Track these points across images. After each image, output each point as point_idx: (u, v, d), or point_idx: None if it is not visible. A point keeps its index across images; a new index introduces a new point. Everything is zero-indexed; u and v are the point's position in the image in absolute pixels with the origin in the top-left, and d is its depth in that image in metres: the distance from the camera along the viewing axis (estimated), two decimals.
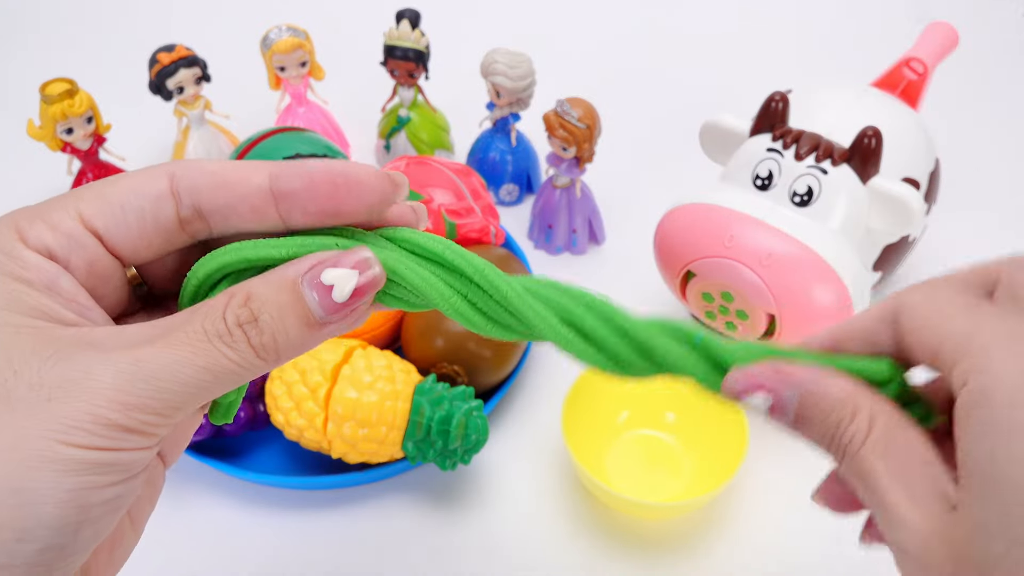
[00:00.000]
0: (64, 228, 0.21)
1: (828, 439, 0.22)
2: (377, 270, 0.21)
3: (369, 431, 0.47)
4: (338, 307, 0.21)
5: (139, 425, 0.19)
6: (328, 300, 0.21)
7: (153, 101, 0.69)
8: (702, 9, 0.94)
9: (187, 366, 0.20)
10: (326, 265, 0.21)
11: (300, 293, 0.21)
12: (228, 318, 0.20)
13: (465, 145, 0.73)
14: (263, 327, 0.21)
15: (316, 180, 0.22)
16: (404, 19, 0.66)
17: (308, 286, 0.21)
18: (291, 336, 0.21)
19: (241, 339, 0.20)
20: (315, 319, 0.21)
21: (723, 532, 0.49)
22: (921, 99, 0.60)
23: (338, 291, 0.21)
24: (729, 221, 0.49)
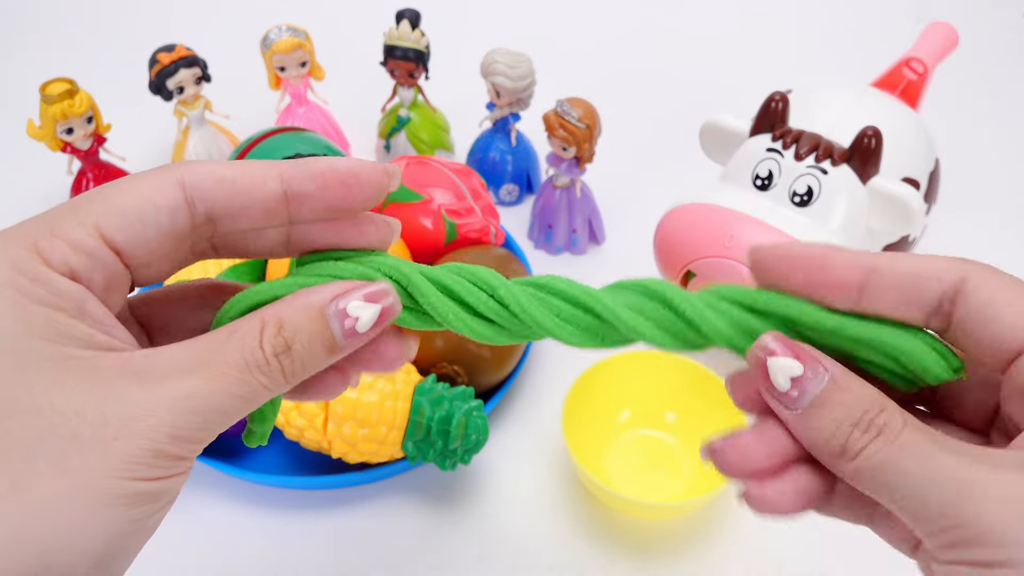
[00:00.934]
0: (85, 247, 0.21)
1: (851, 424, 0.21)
2: (392, 301, 0.23)
3: (369, 431, 0.47)
4: (359, 336, 0.23)
5: (187, 452, 0.20)
6: (351, 329, 0.22)
7: (153, 101, 0.69)
8: (702, 9, 0.94)
9: (230, 397, 0.21)
10: (350, 296, 0.22)
11: (327, 322, 0.22)
12: (266, 348, 0.21)
13: (465, 145, 0.73)
14: (295, 355, 0.22)
15: (328, 182, 0.23)
16: (404, 19, 0.66)
17: (334, 315, 0.22)
18: (317, 362, 0.22)
19: (276, 368, 0.21)
20: (337, 346, 0.22)
21: (723, 532, 0.49)
22: (921, 99, 0.60)
23: (361, 322, 0.22)
24: (729, 221, 0.49)
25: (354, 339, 0.23)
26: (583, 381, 0.51)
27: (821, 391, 0.22)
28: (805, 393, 0.22)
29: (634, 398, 0.53)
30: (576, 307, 0.24)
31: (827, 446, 0.22)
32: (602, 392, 0.52)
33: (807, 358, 0.22)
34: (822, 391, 0.22)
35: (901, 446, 0.21)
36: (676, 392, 0.53)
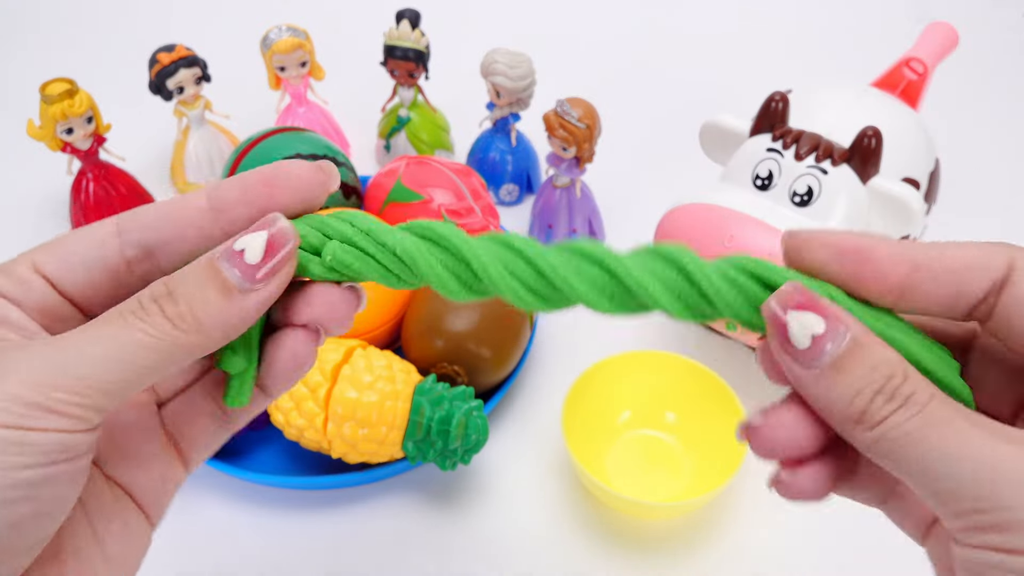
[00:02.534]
0: (16, 274, 0.22)
1: (873, 391, 0.20)
2: (283, 224, 0.22)
3: (369, 431, 0.47)
4: (254, 268, 0.22)
5: (56, 404, 0.19)
6: (243, 264, 0.22)
7: (153, 101, 0.69)
8: (702, 9, 0.94)
9: (101, 344, 0.20)
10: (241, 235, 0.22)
11: (216, 266, 0.22)
12: (143, 295, 0.21)
13: (465, 145, 0.73)
14: (178, 298, 0.21)
15: (249, 183, 0.23)
16: (404, 19, 0.66)
17: (223, 258, 0.22)
18: (212, 305, 0.21)
19: (155, 311, 0.21)
20: (234, 285, 0.21)
21: (723, 532, 0.49)
22: (921, 99, 0.60)
23: (250, 253, 0.22)
24: (729, 221, 0.49)
25: (255, 275, 0.22)
26: (583, 381, 0.51)
27: (842, 351, 0.20)
28: (825, 352, 0.20)
29: (634, 398, 0.53)
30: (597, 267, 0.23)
31: (845, 411, 0.20)
32: (602, 392, 0.52)
33: (829, 313, 0.20)
34: (843, 351, 0.20)
35: (928, 419, 0.20)
36: (676, 392, 0.53)
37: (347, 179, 0.61)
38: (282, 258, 0.22)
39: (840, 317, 0.21)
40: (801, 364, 0.21)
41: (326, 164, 0.24)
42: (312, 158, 0.60)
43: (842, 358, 0.20)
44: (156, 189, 0.71)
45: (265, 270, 0.22)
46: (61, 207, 0.70)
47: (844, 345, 0.20)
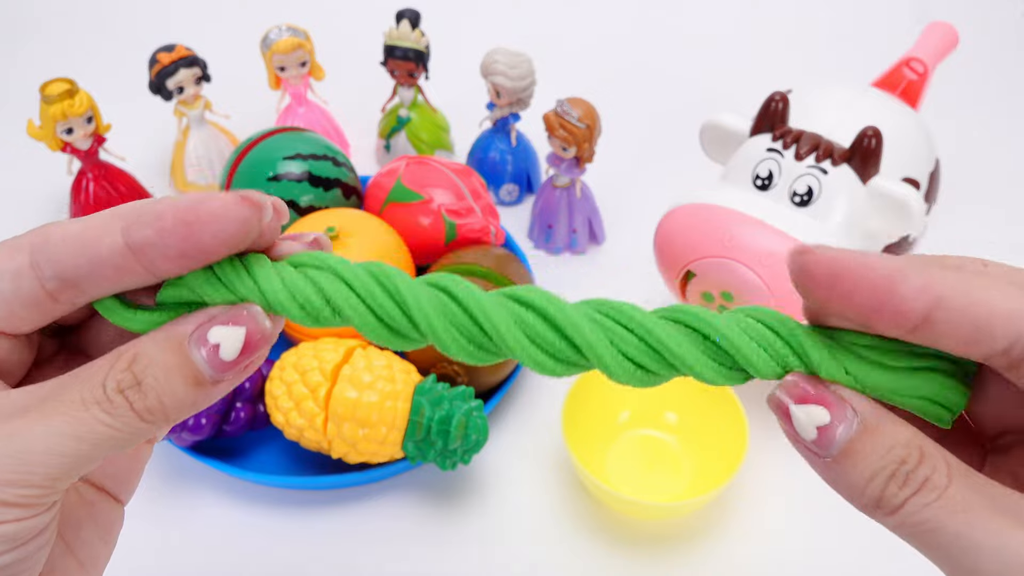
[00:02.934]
0: None
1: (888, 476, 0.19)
2: (266, 325, 0.21)
3: (369, 431, 0.47)
4: (227, 365, 0.21)
5: (14, 498, 0.19)
6: (216, 359, 0.20)
7: (153, 101, 0.69)
8: (702, 9, 0.94)
9: (60, 436, 0.19)
10: (215, 323, 0.21)
11: (187, 354, 0.20)
12: (108, 384, 0.20)
13: (465, 145, 0.73)
14: (147, 391, 0.20)
15: (167, 224, 0.20)
16: (404, 19, 0.66)
17: (196, 345, 0.20)
18: (179, 397, 0.20)
19: (122, 405, 0.20)
20: (205, 378, 0.20)
21: (723, 532, 0.49)
22: (921, 99, 0.60)
23: (225, 349, 0.20)
24: (729, 221, 0.49)
25: (227, 370, 0.21)
26: (583, 381, 0.51)
27: (851, 437, 0.20)
28: (834, 441, 0.20)
29: (634, 398, 0.53)
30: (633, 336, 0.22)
31: (862, 499, 0.20)
32: (602, 392, 0.52)
33: (833, 402, 0.20)
34: (852, 437, 0.20)
35: (947, 506, 0.19)
36: (676, 392, 0.53)
37: (347, 179, 0.61)
38: (258, 354, 0.21)
39: (846, 403, 0.20)
40: (813, 453, 0.20)
41: (255, 196, 0.21)
42: (312, 158, 0.60)
43: (852, 444, 0.20)
44: (156, 189, 0.71)
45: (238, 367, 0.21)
46: (61, 207, 0.70)
47: (853, 431, 0.20)
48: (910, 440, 0.20)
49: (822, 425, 0.20)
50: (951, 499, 0.19)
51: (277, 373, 0.49)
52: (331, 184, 0.60)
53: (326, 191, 0.59)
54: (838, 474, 0.20)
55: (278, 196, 0.58)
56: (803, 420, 0.20)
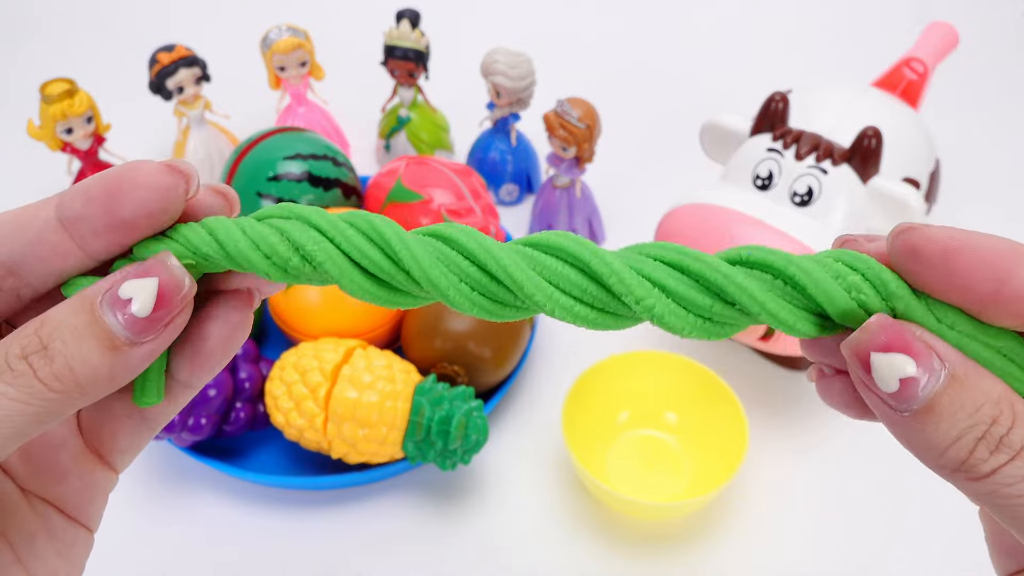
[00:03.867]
0: None
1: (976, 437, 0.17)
2: (181, 275, 0.19)
3: (369, 431, 0.47)
4: (143, 324, 0.19)
5: None
6: (129, 316, 0.19)
7: (153, 101, 0.69)
8: (702, 9, 0.94)
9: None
10: (126, 278, 0.19)
11: (98, 314, 0.19)
12: (11, 351, 0.18)
13: (465, 145, 0.73)
14: (53, 355, 0.18)
15: (92, 194, 0.19)
16: (404, 19, 0.66)
17: (107, 304, 0.19)
18: (91, 362, 0.18)
19: (25, 372, 0.18)
20: (120, 340, 0.19)
21: (723, 532, 0.49)
22: (921, 99, 0.60)
23: (138, 305, 0.19)
24: (729, 221, 0.49)
25: (144, 330, 0.19)
26: (583, 381, 0.51)
27: (936, 391, 0.18)
28: (917, 395, 0.18)
29: (634, 398, 0.53)
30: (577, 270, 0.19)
31: (943, 459, 0.18)
32: (602, 392, 0.52)
33: (921, 351, 0.18)
34: (937, 391, 0.18)
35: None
36: (676, 392, 0.53)
37: (347, 179, 0.61)
38: (177, 310, 0.19)
39: (934, 351, 0.18)
40: (890, 407, 0.18)
41: (181, 164, 0.20)
42: (312, 158, 0.60)
43: (936, 399, 0.18)
44: None
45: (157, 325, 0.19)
46: None
47: (940, 384, 0.18)
48: (1002, 397, 0.18)
49: (906, 377, 0.18)
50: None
51: (277, 373, 0.49)
52: (331, 184, 0.60)
53: (326, 191, 0.59)
54: (917, 432, 0.18)
55: (278, 196, 0.58)
56: (885, 370, 0.18)
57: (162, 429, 0.47)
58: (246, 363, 0.51)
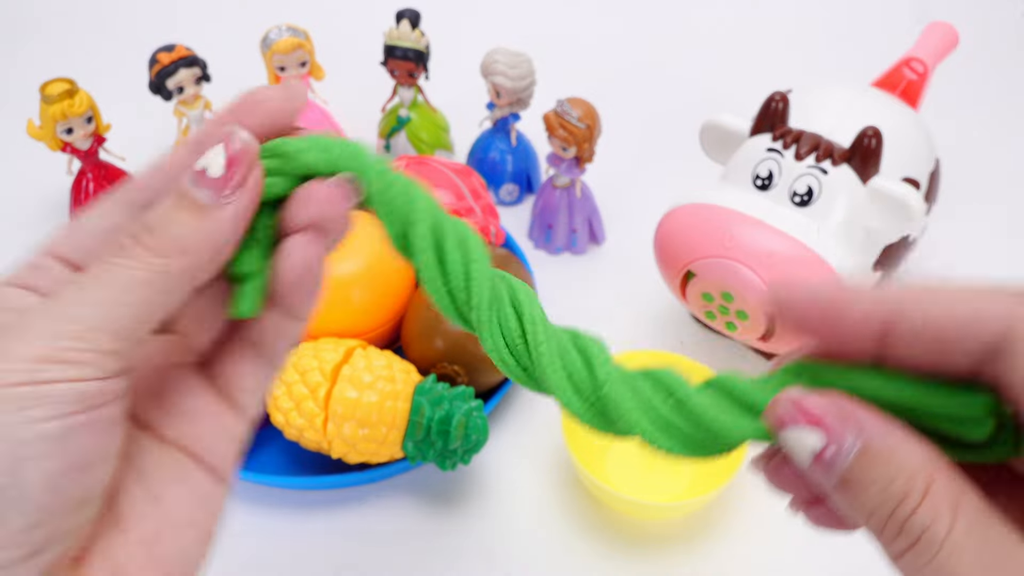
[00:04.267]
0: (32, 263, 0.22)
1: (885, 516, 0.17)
2: (244, 137, 0.22)
3: (369, 431, 0.47)
4: (219, 182, 0.21)
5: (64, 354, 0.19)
6: (209, 181, 0.21)
7: (153, 101, 0.69)
8: (702, 9, 0.94)
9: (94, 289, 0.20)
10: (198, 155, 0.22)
11: (184, 190, 0.21)
12: (123, 236, 0.21)
13: (465, 145, 0.73)
14: (154, 228, 0.21)
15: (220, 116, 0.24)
16: (404, 19, 0.66)
17: (191, 181, 0.21)
18: (189, 226, 0.21)
19: (135, 246, 0.21)
20: (204, 203, 0.21)
21: (723, 532, 0.49)
22: (921, 99, 0.60)
23: (212, 168, 0.21)
24: (729, 221, 0.49)
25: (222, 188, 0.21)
26: None
27: (848, 467, 0.18)
28: (832, 468, 0.18)
29: None
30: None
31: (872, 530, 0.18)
32: None
33: (830, 424, 0.18)
34: (849, 467, 0.18)
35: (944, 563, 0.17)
36: None
37: None
38: (245, 166, 0.22)
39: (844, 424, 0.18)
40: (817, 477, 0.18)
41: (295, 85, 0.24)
42: None
43: (848, 475, 0.18)
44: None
45: (233, 182, 0.22)
46: (61, 207, 0.70)
47: (850, 459, 0.18)
48: (918, 470, 0.17)
49: (816, 451, 0.18)
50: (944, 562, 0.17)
51: None
52: None
53: None
54: (840, 503, 0.18)
55: None
56: (795, 446, 0.18)
57: None
58: None
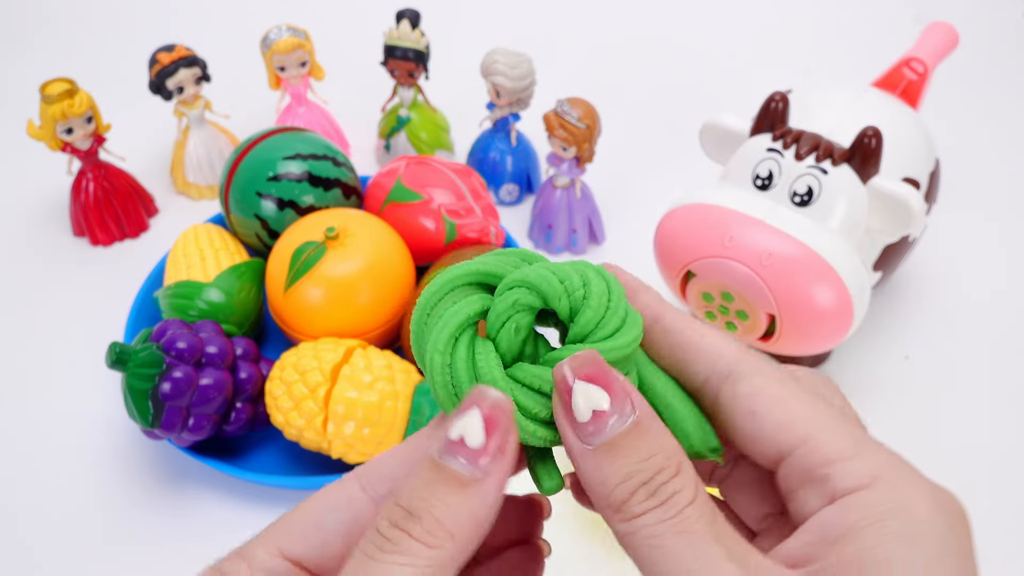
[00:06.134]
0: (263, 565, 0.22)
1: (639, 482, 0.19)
2: (498, 397, 0.20)
3: (369, 431, 0.47)
4: (479, 452, 0.20)
5: None
6: (467, 451, 0.20)
7: (153, 101, 0.69)
8: (702, 9, 0.94)
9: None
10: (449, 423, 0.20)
11: (440, 464, 0.20)
12: (382, 525, 0.19)
13: (465, 145, 0.73)
14: (419, 514, 0.19)
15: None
16: (404, 19, 0.66)
17: (445, 454, 0.20)
18: (454, 506, 0.19)
19: (402, 538, 0.19)
20: (468, 477, 0.19)
21: None
22: (921, 99, 0.60)
23: (470, 437, 0.20)
24: (729, 221, 0.49)
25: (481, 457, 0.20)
26: None
27: (620, 432, 0.19)
28: (604, 430, 0.19)
29: None
30: None
31: (607, 496, 0.19)
32: None
33: (617, 391, 0.20)
34: (621, 432, 0.19)
35: (678, 525, 0.19)
36: None
37: (347, 179, 0.61)
38: (505, 430, 0.20)
39: (627, 396, 0.20)
40: (578, 436, 0.20)
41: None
42: (312, 158, 0.60)
43: (619, 439, 0.19)
44: (156, 189, 0.71)
45: (492, 449, 0.20)
46: (61, 207, 0.70)
47: (624, 427, 0.19)
48: (673, 452, 0.20)
49: (599, 410, 0.19)
50: (685, 519, 0.19)
51: (277, 373, 0.49)
52: (331, 184, 0.60)
53: (326, 191, 0.59)
54: (593, 467, 0.20)
55: (278, 196, 0.58)
56: (581, 400, 0.20)
57: (161, 428, 0.47)
58: (246, 363, 0.51)
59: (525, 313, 0.21)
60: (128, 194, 0.67)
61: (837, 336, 0.50)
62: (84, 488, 0.52)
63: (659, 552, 0.19)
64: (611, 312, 0.21)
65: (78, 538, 0.50)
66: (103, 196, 0.66)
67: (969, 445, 0.54)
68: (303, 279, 0.53)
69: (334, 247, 0.54)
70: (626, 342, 0.21)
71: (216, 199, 0.71)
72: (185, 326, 0.50)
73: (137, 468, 0.53)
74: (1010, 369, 0.59)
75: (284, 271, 0.54)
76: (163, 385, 0.47)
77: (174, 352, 0.48)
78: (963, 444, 0.54)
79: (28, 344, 0.61)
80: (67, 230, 0.69)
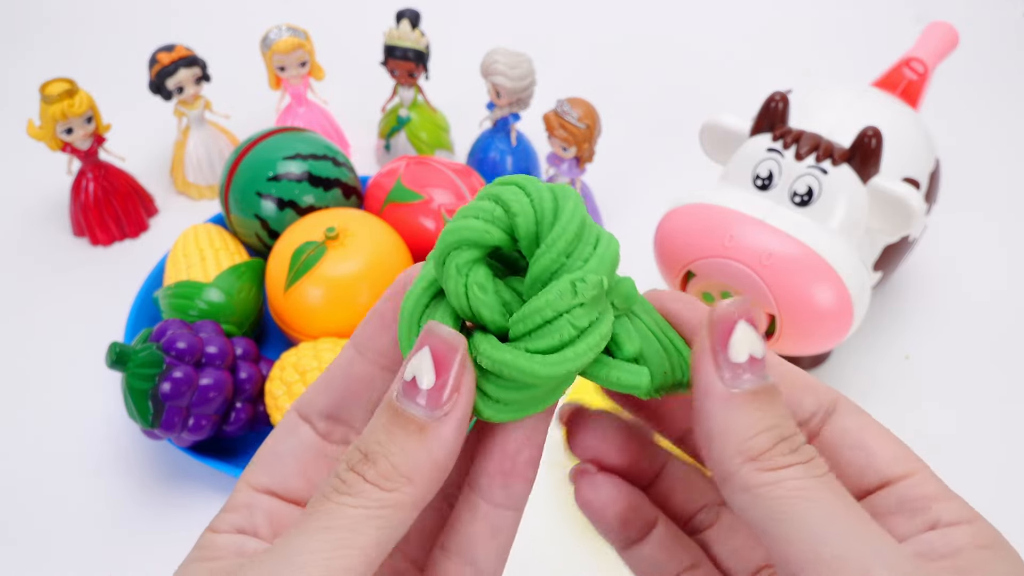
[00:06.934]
0: (239, 502, 0.22)
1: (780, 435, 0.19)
2: (447, 336, 0.19)
3: None
4: (433, 393, 0.19)
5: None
6: (419, 392, 0.19)
7: (153, 101, 0.69)
8: (702, 9, 0.94)
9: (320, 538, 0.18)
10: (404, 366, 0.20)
11: (396, 407, 0.19)
12: (340, 468, 0.19)
13: (465, 145, 0.73)
14: (374, 458, 0.19)
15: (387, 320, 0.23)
16: (404, 19, 0.66)
17: (401, 396, 0.19)
18: (410, 450, 0.19)
19: (357, 481, 0.19)
20: (423, 420, 0.19)
21: None
22: (921, 99, 0.60)
23: (421, 378, 0.19)
24: (729, 221, 0.49)
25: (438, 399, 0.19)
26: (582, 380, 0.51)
27: (766, 384, 0.19)
28: (754, 376, 0.19)
29: None
30: None
31: (742, 444, 0.19)
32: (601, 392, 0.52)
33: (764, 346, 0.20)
34: (767, 384, 0.19)
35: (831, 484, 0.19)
36: None
37: (347, 179, 0.61)
38: (458, 368, 0.19)
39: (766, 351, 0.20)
40: (722, 376, 0.20)
41: None
42: (312, 158, 0.60)
43: (765, 388, 0.19)
44: (156, 189, 0.71)
45: (448, 390, 0.19)
46: (61, 207, 0.70)
47: (771, 380, 0.20)
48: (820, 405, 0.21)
49: (755, 356, 0.19)
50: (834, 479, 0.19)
51: (277, 373, 0.49)
52: (331, 184, 0.60)
53: (326, 191, 0.59)
54: (732, 412, 0.19)
55: (278, 196, 0.58)
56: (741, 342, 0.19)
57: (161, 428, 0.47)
58: (246, 363, 0.51)
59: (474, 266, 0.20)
60: (128, 194, 0.67)
61: (837, 336, 0.50)
62: (84, 488, 0.52)
63: (811, 505, 0.18)
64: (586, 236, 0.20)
65: (78, 538, 0.50)
66: (103, 196, 0.66)
67: (969, 445, 0.54)
68: (303, 279, 0.53)
69: (334, 247, 0.54)
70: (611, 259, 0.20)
71: (216, 199, 0.71)
72: (185, 326, 0.50)
73: (137, 468, 0.53)
74: (1010, 369, 0.59)
75: (284, 271, 0.54)
76: (163, 385, 0.47)
77: (174, 352, 0.48)
78: (963, 444, 0.54)
79: (28, 344, 0.61)
80: (67, 230, 0.69)
